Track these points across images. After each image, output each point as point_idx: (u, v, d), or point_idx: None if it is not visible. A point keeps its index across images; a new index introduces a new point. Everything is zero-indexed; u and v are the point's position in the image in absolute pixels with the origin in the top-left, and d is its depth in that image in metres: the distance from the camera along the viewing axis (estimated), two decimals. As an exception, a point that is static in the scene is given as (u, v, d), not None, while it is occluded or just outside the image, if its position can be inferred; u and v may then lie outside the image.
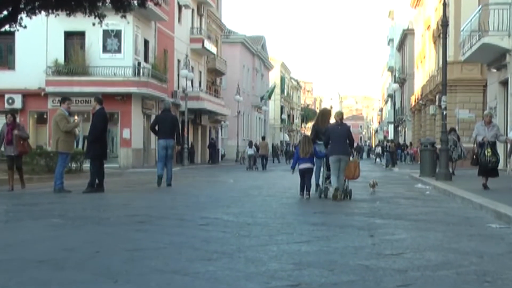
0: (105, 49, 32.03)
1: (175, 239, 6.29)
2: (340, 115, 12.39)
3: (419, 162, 23.47)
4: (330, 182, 12.15)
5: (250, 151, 33.93)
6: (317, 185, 12.63)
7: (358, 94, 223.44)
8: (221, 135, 54.58)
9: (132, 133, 32.39)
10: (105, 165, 14.02)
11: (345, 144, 11.93)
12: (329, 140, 12.05)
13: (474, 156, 13.69)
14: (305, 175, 11.99)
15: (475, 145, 13.82)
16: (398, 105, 61.32)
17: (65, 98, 13.93)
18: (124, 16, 19.43)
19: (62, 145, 13.12)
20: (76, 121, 13.58)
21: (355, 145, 22.78)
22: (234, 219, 8.19)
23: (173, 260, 5.19)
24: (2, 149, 14.86)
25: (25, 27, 18.28)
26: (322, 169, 12.58)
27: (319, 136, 12.72)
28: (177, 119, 15.20)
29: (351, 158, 12.36)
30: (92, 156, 13.43)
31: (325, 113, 13.49)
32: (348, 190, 11.91)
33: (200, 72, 47.17)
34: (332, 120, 13.00)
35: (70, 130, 13.19)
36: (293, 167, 12.58)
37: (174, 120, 15.14)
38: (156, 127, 15.14)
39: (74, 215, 8.81)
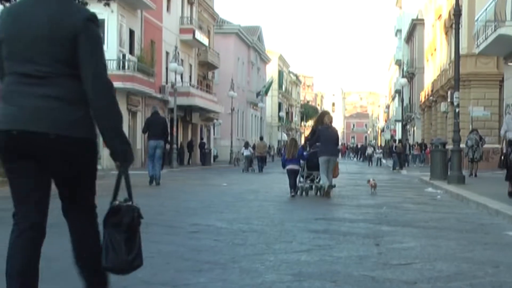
0: (86, 40, 32.03)
1: (163, 248, 6.29)
2: (330, 117, 14.37)
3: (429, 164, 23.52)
4: (311, 181, 14.26)
5: (246, 152, 33.99)
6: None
7: (363, 89, 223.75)
8: (214, 134, 54.59)
9: (116, 132, 32.39)
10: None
11: (335, 146, 13.77)
12: (316, 141, 13.92)
13: (503, 157, 12.90)
14: (291, 175, 13.89)
15: (504, 144, 13.06)
16: (406, 101, 61.40)
17: None
18: (107, 4, 19.42)
19: None
20: None
21: (359, 145, 25.63)
22: (227, 226, 8.19)
23: (161, 271, 5.19)
24: None
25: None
26: (304, 169, 14.35)
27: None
28: (166, 120, 17.09)
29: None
30: None
31: (323, 114, 15.17)
32: (331, 185, 13.70)
33: (191, 66, 47.16)
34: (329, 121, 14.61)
35: None
36: (283, 166, 14.57)
37: (164, 122, 17.09)
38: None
39: (53, 221, 8.74)
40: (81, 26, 3.04)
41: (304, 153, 14.52)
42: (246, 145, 35.30)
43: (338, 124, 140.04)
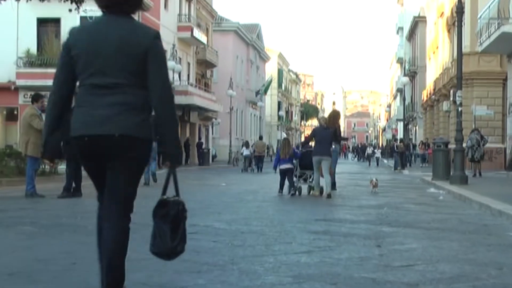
0: (82, 38, 32.00)
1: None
2: (325, 119, 15.54)
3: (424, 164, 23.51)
4: (304, 180, 14.94)
5: (246, 152, 33.98)
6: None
7: (364, 88, 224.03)
8: (212, 133, 54.59)
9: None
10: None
11: (328, 146, 14.37)
12: (310, 140, 14.93)
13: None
14: (286, 174, 14.64)
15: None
16: (408, 100, 61.45)
17: (38, 95, 13.82)
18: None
19: (31, 149, 13.06)
20: None
21: (359, 145, 25.77)
22: (226, 227, 8.19)
23: (159, 272, 5.19)
24: None
25: None
26: (297, 168, 14.92)
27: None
28: None
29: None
30: (68, 156, 13.38)
31: (335, 115, 16.25)
32: (322, 186, 14.24)
33: (189, 64, 47.15)
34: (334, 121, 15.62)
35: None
36: (274, 167, 15.58)
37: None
38: None
39: (48, 222, 8.78)
40: (150, 44, 3.61)
41: (297, 153, 15.34)
42: (246, 144, 35.27)
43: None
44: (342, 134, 16.72)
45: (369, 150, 51.83)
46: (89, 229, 8.02)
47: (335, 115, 16.32)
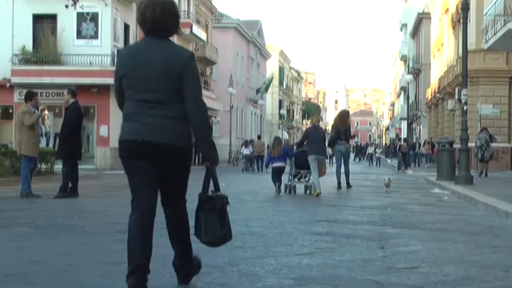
0: (79, 35, 31.98)
1: (159, 251, 6.27)
2: (317, 118, 16.43)
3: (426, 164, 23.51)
4: (298, 179, 15.46)
5: (246, 151, 34.01)
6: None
7: (367, 86, 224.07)
8: (212, 132, 54.60)
9: (111, 130, 32.32)
10: (80, 167, 14.01)
11: (322, 145, 15.18)
12: (305, 141, 15.36)
13: None
14: (279, 172, 15.27)
15: None
16: (412, 99, 61.43)
17: (31, 93, 13.77)
18: (101, -3, 19.41)
19: (25, 148, 13.05)
20: (38, 112, 13.37)
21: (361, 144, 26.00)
22: (226, 228, 8.18)
23: (157, 274, 5.18)
24: None
25: None
26: (292, 168, 15.55)
27: (340, 136, 16.70)
28: None
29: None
30: (65, 156, 13.41)
31: (344, 114, 17.62)
32: (310, 185, 14.98)
33: (188, 61, 47.14)
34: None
35: (34, 122, 13.06)
36: (266, 165, 16.60)
37: None
38: None
39: (44, 223, 8.79)
40: (186, 63, 4.27)
41: (291, 152, 16.62)
42: (246, 143, 35.26)
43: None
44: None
45: (370, 150, 51.70)
46: (87, 230, 8.03)
47: (344, 114, 17.59)
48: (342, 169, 17.09)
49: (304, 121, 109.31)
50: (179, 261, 4.71)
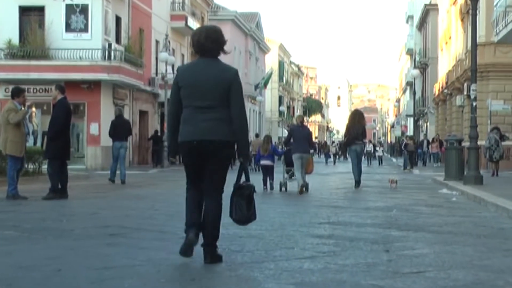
0: (68, 28, 31.92)
1: (154, 255, 6.29)
2: (300, 117, 17.82)
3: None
4: (290, 177, 16.30)
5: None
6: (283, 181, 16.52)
7: (371, 81, 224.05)
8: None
9: (102, 128, 32.28)
10: (69, 167, 14.00)
11: (306, 144, 16.02)
12: (290, 139, 16.34)
13: None
14: (267, 170, 16.48)
15: None
16: (418, 95, 61.44)
17: (18, 89, 13.73)
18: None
19: (10, 147, 13.02)
20: (24, 109, 13.34)
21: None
22: (223, 231, 8.12)
23: (151, 280, 5.19)
24: None
25: None
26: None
27: (358, 137, 17.76)
28: (130, 122, 20.41)
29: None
30: (50, 155, 13.41)
31: (359, 114, 18.77)
32: (305, 183, 15.76)
33: (183, 55, 47.16)
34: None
35: (20, 120, 13.05)
36: (256, 163, 18.60)
37: (128, 124, 20.17)
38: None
39: (31, 226, 8.79)
40: (233, 79, 5.85)
41: (279, 150, 18.17)
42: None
43: (344, 120, 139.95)
44: (348, 132, 18.46)
45: (368, 148, 50.10)
46: (77, 233, 8.04)
47: (359, 114, 18.82)
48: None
49: (305, 118, 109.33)
50: (205, 245, 5.85)
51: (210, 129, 5.72)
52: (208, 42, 5.92)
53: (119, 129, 19.37)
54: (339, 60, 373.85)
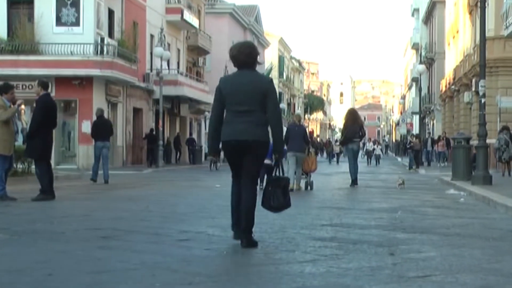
0: (59, 21, 31.94)
1: (148, 259, 6.29)
2: (298, 117, 18.66)
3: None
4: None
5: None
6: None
7: (375, 77, 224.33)
8: (205, 128, 54.63)
9: (94, 126, 32.35)
10: (60, 166, 14.03)
11: (301, 143, 16.69)
12: (287, 139, 16.47)
13: None
14: (266, 169, 16.73)
15: None
16: (424, 91, 61.42)
17: (7, 85, 13.70)
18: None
19: None
20: (14, 107, 13.31)
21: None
22: (221, 233, 8.20)
23: (146, 284, 5.19)
24: None
25: None
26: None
27: (355, 135, 18.48)
28: (111, 122, 21.23)
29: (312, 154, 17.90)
30: (31, 155, 13.48)
31: (354, 113, 19.69)
32: (310, 181, 16.94)
33: (179, 50, 47.15)
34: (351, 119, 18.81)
35: (9, 118, 13.03)
36: None
37: (110, 124, 20.80)
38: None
39: (20, 228, 8.78)
40: (268, 86, 7.02)
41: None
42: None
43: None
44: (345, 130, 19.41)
45: (368, 146, 49.78)
46: (68, 236, 8.03)
47: (354, 113, 19.62)
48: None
49: (306, 115, 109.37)
50: (242, 231, 6.91)
51: (246, 131, 6.85)
52: (243, 56, 7.05)
53: (101, 129, 20.03)
54: (341, 55, 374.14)
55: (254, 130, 6.87)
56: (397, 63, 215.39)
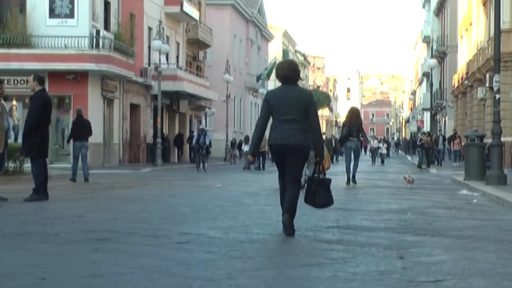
0: (52, 13, 31.97)
1: (146, 262, 6.29)
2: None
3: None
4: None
5: (247, 148, 34.14)
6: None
7: (384, 72, 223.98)
8: (206, 125, 54.65)
9: (89, 123, 32.35)
10: (54, 165, 14.03)
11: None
12: None
13: None
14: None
15: None
16: (436, 86, 61.50)
17: None
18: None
19: None
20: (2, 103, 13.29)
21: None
22: (222, 235, 8.20)
23: (143, 289, 5.19)
24: None
25: None
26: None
27: (351, 133, 19.14)
28: (90, 122, 21.77)
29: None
30: (28, 153, 13.45)
31: (355, 111, 19.90)
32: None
33: (178, 44, 47.17)
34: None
35: None
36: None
37: (89, 124, 21.48)
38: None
39: (11, 230, 8.79)
40: (309, 99, 8.42)
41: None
42: (247, 140, 35.30)
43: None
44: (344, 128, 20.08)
45: (373, 144, 49.53)
46: (62, 238, 8.04)
47: (356, 111, 19.84)
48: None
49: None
50: (286, 221, 8.06)
51: (290, 136, 8.10)
52: (290, 73, 8.44)
53: (80, 129, 20.94)
54: (348, 49, 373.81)
55: (296, 136, 8.12)
56: (407, 57, 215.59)
